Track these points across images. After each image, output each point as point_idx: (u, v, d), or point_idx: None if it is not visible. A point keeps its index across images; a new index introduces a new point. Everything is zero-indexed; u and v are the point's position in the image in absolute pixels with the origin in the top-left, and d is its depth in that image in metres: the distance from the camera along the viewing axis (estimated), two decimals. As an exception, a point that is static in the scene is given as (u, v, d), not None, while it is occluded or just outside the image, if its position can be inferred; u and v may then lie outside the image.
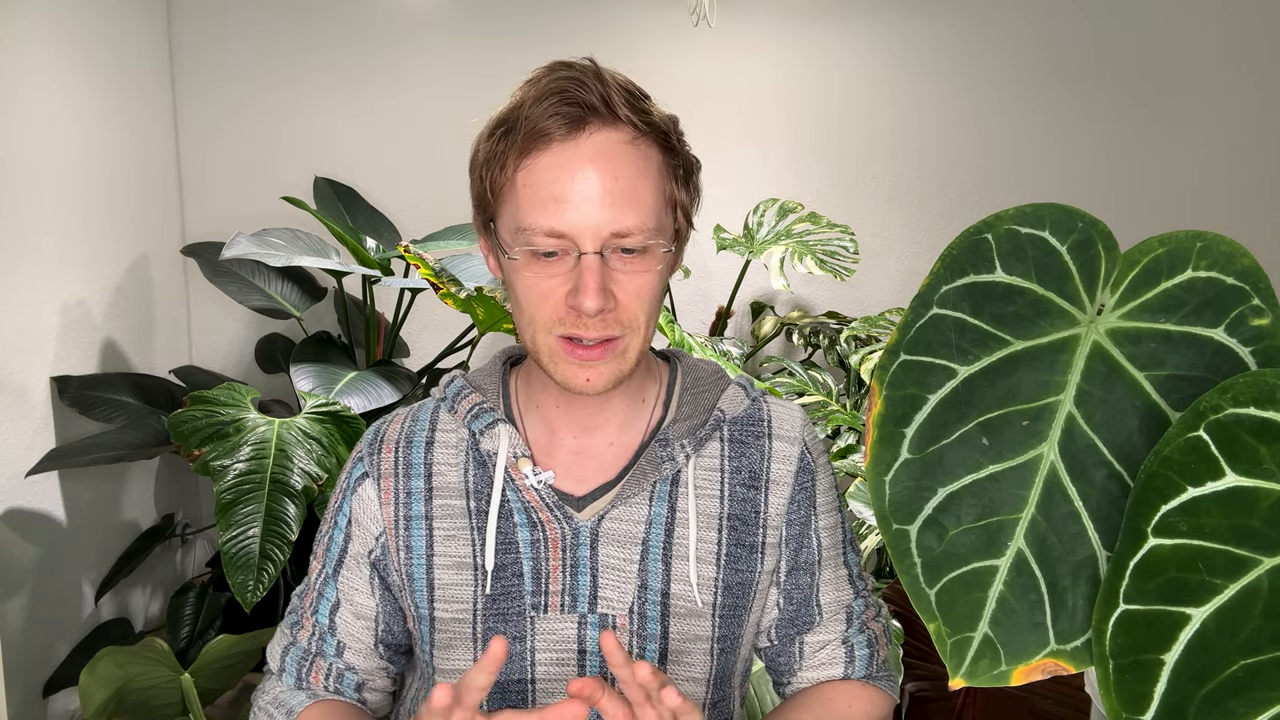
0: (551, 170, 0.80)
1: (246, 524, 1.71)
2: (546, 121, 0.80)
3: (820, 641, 0.97)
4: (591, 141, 0.81)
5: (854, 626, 0.98)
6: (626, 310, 0.83)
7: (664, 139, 0.85)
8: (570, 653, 0.88)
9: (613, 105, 0.81)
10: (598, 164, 0.80)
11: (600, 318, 0.81)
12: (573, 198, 0.80)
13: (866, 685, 0.98)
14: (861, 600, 1.00)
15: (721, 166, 2.71)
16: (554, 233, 0.80)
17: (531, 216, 0.81)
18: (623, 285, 0.82)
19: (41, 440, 2.03)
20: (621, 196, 0.80)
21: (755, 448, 0.94)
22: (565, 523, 0.89)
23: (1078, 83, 2.71)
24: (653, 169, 0.83)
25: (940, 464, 0.65)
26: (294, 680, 0.95)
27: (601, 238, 0.80)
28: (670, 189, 0.85)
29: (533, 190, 0.81)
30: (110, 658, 1.62)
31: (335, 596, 0.95)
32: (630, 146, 0.82)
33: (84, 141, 2.20)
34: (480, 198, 0.87)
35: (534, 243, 0.81)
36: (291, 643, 0.96)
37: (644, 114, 0.83)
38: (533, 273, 0.82)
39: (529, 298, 0.83)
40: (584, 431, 0.93)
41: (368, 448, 0.96)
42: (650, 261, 0.83)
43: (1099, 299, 0.65)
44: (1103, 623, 0.59)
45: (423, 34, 2.65)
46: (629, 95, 0.83)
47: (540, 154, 0.81)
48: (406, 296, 2.33)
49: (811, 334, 2.52)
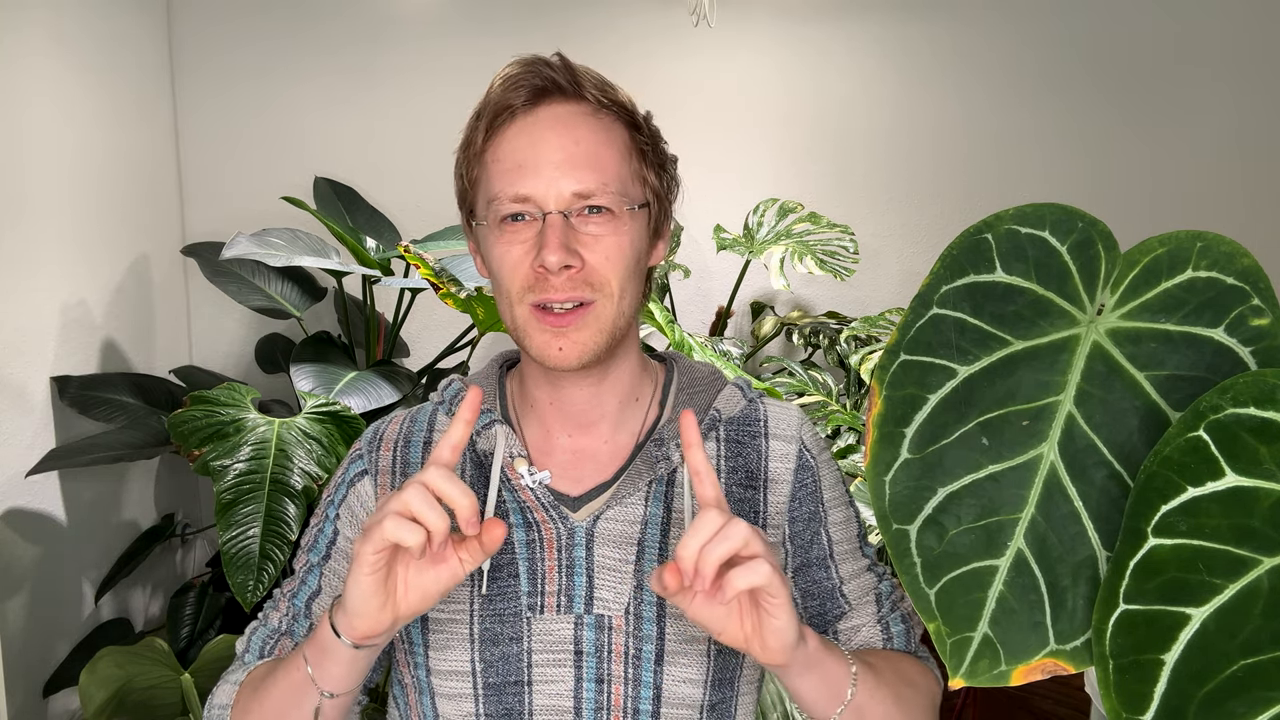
0: (515, 140, 0.83)
1: (246, 524, 1.71)
2: (509, 94, 0.83)
3: (855, 626, 0.96)
4: (552, 111, 0.84)
5: (885, 606, 0.97)
6: (595, 272, 0.83)
7: (629, 116, 0.87)
8: (567, 653, 0.88)
9: (576, 82, 0.84)
10: (558, 129, 0.83)
11: (567, 276, 0.82)
12: (535, 161, 0.82)
13: (912, 657, 0.97)
14: (887, 584, 0.99)
15: (721, 166, 2.71)
16: (518, 197, 0.82)
17: (498, 185, 0.83)
18: (590, 247, 0.83)
19: (41, 440, 2.03)
20: (583, 159, 0.83)
21: (752, 447, 0.94)
22: (561, 523, 0.89)
23: (1077, 83, 2.71)
24: (616, 140, 0.85)
25: (940, 464, 0.65)
26: (255, 657, 0.93)
27: (564, 198, 0.82)
28: (637, 166, 0.87)
29: (499, 162, 0.84)
30: (110, 658, 1.62)
31: (317, 585, 0.94)
32: (593, 118, 0.85)
33: (84, 142, 2.20)
34: (461, 194, 0.90)
35: (501, 209, 0.83)
36: (262, 624, 0.95)
37: (607, 91, 0.86)
38: (503, 241, 0.84)
39: (501, 268, 0.85)
40: (578, 430, 0.93)
41: (367, 446, 0.97)
42: (617, 224, 0.84)
43: (1099, 299, 0.65)
44: (1103, 623, 0.59)
45: (423, 34, 2.65)
46: (593, 78, 0.86)
47: (505, 128, 0.84)
48: (406, 296, 2.33)
49: (811, 334, 2.52)
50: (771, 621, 0.72)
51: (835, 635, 0.95)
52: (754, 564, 0.70)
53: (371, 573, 0.73)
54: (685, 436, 0.75)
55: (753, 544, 0.70)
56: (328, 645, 0.78)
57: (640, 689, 0.88)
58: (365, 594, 0.74)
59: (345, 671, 0.79)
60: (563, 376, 0.89)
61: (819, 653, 0.79)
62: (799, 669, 0.77)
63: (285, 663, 0.84)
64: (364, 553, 0.72)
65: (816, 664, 0.79)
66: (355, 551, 0.73)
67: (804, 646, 0.76)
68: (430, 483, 0.71)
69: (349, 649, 0.77)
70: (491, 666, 0.88)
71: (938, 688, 0.97)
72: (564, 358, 0.84)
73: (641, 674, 0.88)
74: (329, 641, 0.78)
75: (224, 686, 0.92)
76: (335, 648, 0.77)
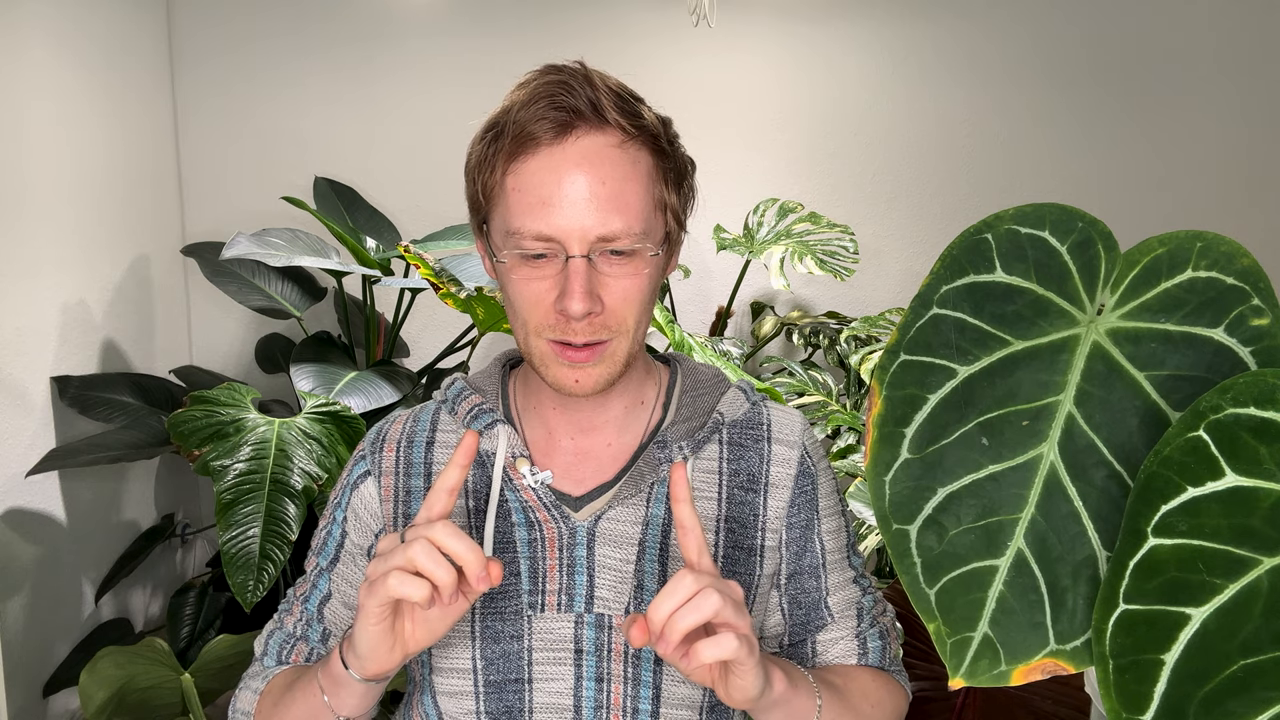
0: (539, 174, 0.81)
1: (246, 524, 1.71)
2: (534, 125, 0.80)
3: (833, 638, 0.97)
4: (578, 145, 0.81)
5: (865, 621, 0.98)
6: (614, 315, 0.83)
7: (654, 141, 0.85)
8: (567, 652, 0.88)
9: (601, 109, 0.81)
10: (584, 168, 0.80)
11: (588, 321, 0.82)
12: (559, 201, 0.80)
13: (882, 673, 0.99)
14: (870, 597, 1.00)
15: (721, 166, 2.71)
16: (541, 236, 0.81)
17: (520, 220, 0.81)
18: (610, 289, 0.82)
19: (41, 440, 2.03)
20: (608, 200, 0.81)
21: (754, 451, 0.94)
22: (562, 522, 0.89)
23: (1077, 83, 2.71)
24: (641, 172, 0.83)
25: (940, 464, 0.65)
26: (274, 661, 0.96)
27: (588, 241, 0.80)
28: (660, 192, 0.85)
29: (521, 194, 0.81)
30: (110, 658, 1.62)
31: (327, 589, 0.96)
32: (619, 150, 0.82)
33: (84, 142, 2.20)
34: (473, 200, 0.87)
35: (523, 246, 0.82)
36: (278, 627, 0.98)
37: (633, 117, 0.83)
38: (522, 276, 0.83)
39: (520, 301, 0.84)
40: (581, 433, 0.93)
41: (370, 446, 0.97)
42: (638, 265, 0.83)
43: (1099, 299, 0.65)
44: (1103, 623, 0.59)
45: (423, 34, 2.65)
46: (618, 98, 0.83)
47: (528, 158, 0.81)
48: (406, 296, 2.33)
49: (811, 334, 2.52)
50: (736, 680, 0.74)
51: (814, 645, 0.97)
52: (723, 637, 0.71)
53: (378, 623, 0.74)
54: (674, 491, 0.75)
55: (723, 613, 0.71)
56: (340, 678, 0.80)
57: (639, 688, 0.88)
58: (373, 642, 0.76)
59: (359, 701, 0.82)
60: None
61: (786, 693, 0.80)
62: (764, 708, 0.79)
63: (302, 685, 0.86)
64: (369, 606, 0.73)
65: (784, 703, 0.80)
66: (360, 602, 0.74)
67: (770, 692, 0.78)
68: (437, 540, 0.71)
69: (361, 683, 0.80)
70: (492, 664, 0.88)
71: (904, 703, 0.99)
72: (580, 388, 0.85)
73: (641, 673, 0.88)
74: (341, 675, 0.80)
75: (245, 693, 0.95)
76: (347, 681, 0.80)
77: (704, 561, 0.74)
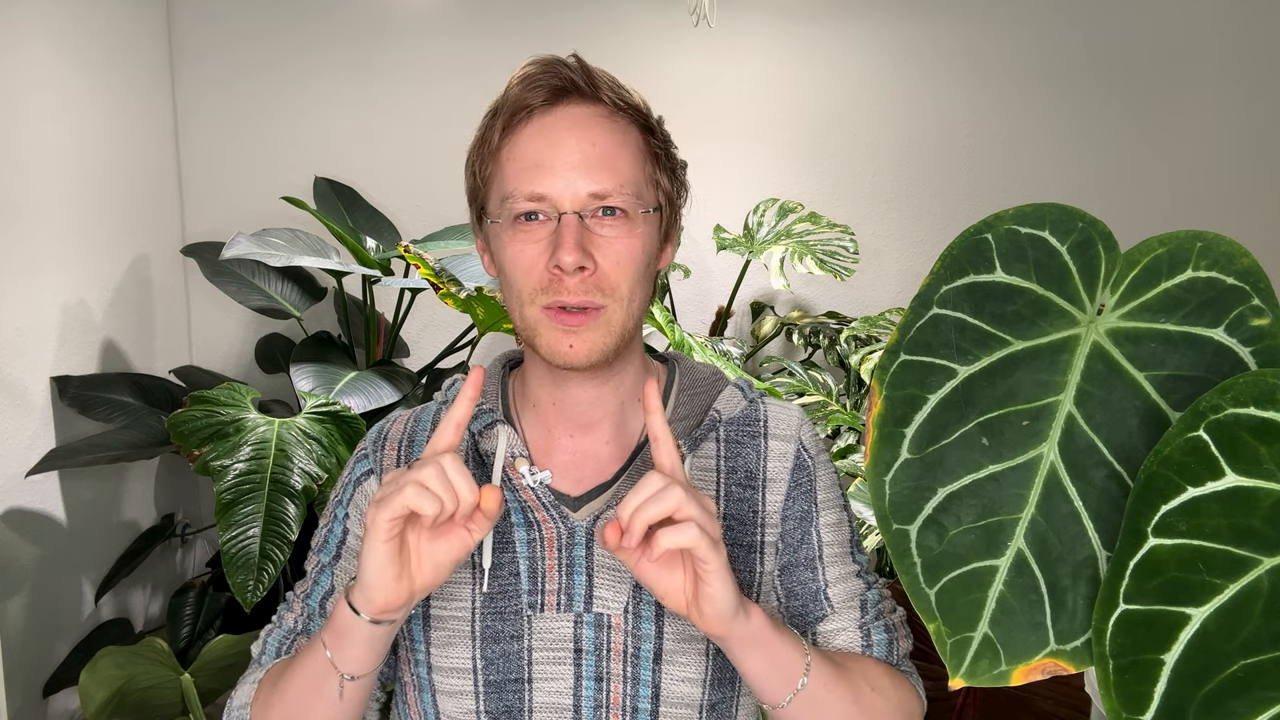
0: (532, 140, 0.84)
1: (246, 524, 1.71)
2: (527, 94, 0.84)
3: (835, 629, 0.94)
4: (570, 112, 0.84)
5: (870, 615, 0.95)
6: (606, 277, 0.84)
7: (643, 120, 0.88)
8: (567, 651, 0.88)
9: (592, 82, 0.85)
10: (576, 131, 0.84)
11: (580, 279, 0.83)
12: (552, 162, 0.83)
13: (891, 667, 0.95)
14: (876, 592, 0.98)
15: (721, 166, 2.71)
16: (534, 196, 0.83)
17: (514, 183, 0.84)
18: (603, 250, 0.84)
19: (41, 440, 2.03)
20: (599, 160, 0.83)
21: (751, 447, 0.94)
22: (561, 522, 0.89)
23: (1077, 83, 2.71)
24: (631, 143, 0.86)
25: (940, 464, 0.65)
26: (273, 658, 0.94)
27: (580, 199, 0.83)
28: (651, 170, 0.88)
29: (515, 161, 0.84)
30: (110, 658, 1.62)
31: (329, 583, 0.96)
32: (608, 120, 0.85)
33: (84, 142, 2.20)
34: (472, 191, 0.90)
35: (516, 207, 0.84)
36: (276, 625, 0.97)
37: (623, 95, 0.87)
38: (516, 238, 0.84)
39: (514, 267, 0.85)
40: (579, 431, 0.93)
41: (372, 445, 0.97)
42: (631, 226, 0.85)
43: (1099, 299, 0.65)
44: (1103, 623, 0.59)
45: (423, 34, 2.65)
46: (609, 81, 0.87)
47: (522, 127, 0.85)
48: (406, 296, 2.33)
49: (811, 334, 2.52)
50: (705, 588, 0.74)
51: (815, 637, 0.94)
52: (683, 526, 0.73)
53: (387, 540, 0.74)
54: (647, 403, 0.77)
55: (686, 509, 0.73)
56: (346, 626, 0.79)
57: (639, 687, 0.88)
58: (381, 563, 0.75)
59: (364, 652, 0.80)
60: (567, 376, 0.90)
61: (766, 632, 0.79)
62: (741, 643, 0.78)
63: (304, 653, 0.85)
64: (379, 520, 0.73)
65: (765, 644, 0.79)
66: (370, 520, 0.74)
67: (745, 621, 0.77)
68: (446, 468, 0.73)
69: (367, 626, 0.78)
70: (492, 664, 0.88)
71: (917, 704, 0.94)
72: (574, 355, 0.85)
73: (640, 672, 0.88)
74: (347, 622, 0.79)
75: (243, 688, 0.93)
76: (353, 628, 0.78)
77: (676, 469, 0.76)
